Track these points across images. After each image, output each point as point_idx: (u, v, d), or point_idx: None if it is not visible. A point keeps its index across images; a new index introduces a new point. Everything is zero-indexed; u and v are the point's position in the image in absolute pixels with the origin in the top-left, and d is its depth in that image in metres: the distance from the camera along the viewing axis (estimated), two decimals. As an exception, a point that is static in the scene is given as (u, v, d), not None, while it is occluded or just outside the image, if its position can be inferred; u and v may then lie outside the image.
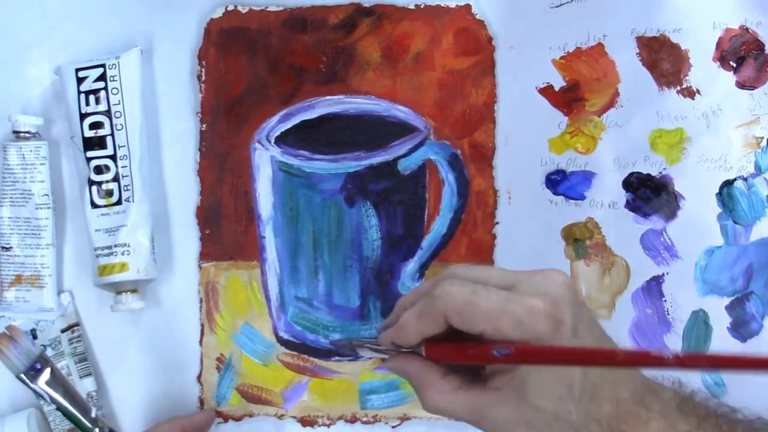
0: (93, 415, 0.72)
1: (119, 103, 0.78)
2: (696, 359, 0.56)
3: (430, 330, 0.60)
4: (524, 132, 0.80)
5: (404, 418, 0.80)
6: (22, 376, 0.71)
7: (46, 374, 0.71)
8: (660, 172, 0.78)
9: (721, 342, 0.78)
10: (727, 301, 0.78)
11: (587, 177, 0.79)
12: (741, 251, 0.78)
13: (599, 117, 0.79)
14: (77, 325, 0.81)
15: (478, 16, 0.80)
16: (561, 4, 0.79)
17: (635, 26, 0.78)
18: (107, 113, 0.78)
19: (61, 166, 0.81)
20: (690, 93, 0.78)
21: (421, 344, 0.62)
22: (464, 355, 0.59)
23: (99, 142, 0.78)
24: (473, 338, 0.58)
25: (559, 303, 0.58)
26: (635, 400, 0.59)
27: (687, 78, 0.78)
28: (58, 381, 0.72)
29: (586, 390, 0.58)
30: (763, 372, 0.52)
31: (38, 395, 0.72)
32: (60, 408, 0.72)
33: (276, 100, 0.80)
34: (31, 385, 0.71)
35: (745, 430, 0.61)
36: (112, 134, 0.78)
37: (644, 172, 0.79)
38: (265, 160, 0.79)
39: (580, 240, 0.79)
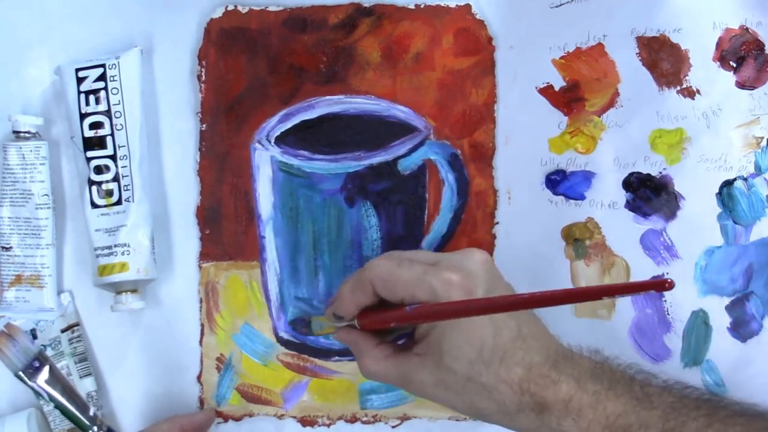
0: (91, 413, 0.72)
1: (119, 103, 0.78)
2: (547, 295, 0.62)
3: (362, 300, 0.69)
4: (524, 132, 0.80)
5: (404, 418, 0.80)
6: (21, 374, 0.71)
7: (45, 372, 0.71)
8: (660, 172, 0.78)
9: (721, 342, 0.78)
10: (727, 301, 0.78)
11: (587, 177, 0.79)
12: (741, 251, 0.78)
13: (599, 117, 0.79)
14: (77, 325, 0.81)
15: (478, 16, 0.80)
16: (561, 4, 0.79)
17: (635, 26, 0.78)
18: (107, 113, 0.78)
19: (61, 166, 0.81)
20: (690, 93, 0.78)
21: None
22: (387, 319, 0.69)
23: (99, 142, 0.78)
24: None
25: (472, 276, 0.66)
26: (548, 365, 0.66)
27: (687, 78, 0.78)
28: (56, 379, 0.72)
29: (496, 354, 0.65)
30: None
31: (36, 393, 0.73)
32: (58, 406, 0.72)
33: (276, 100, 0.80)
34: (30, 383, 0.71)
35: (658, 391, 0.67)
36: (112, 134, 0.78)
37: (644, 172, 0.78)
38: (265, 160, 0.79)
39: (580, 240, 0.79)
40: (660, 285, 0.56)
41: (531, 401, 0.65)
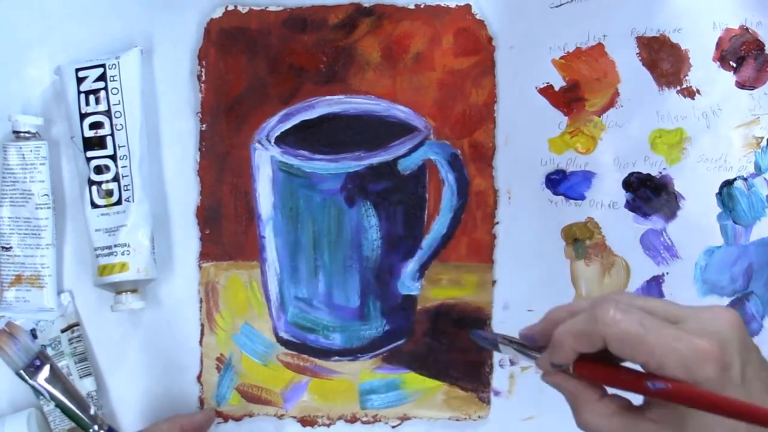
0: (92, 412, 0.72)
1: (119, 103, 0.78)
2: None
3: (584, 350, 0.58)
4: (524, 132, 0.80)
5: (404, 418, 0.81)
6: (22, 372, 0.71)
7: (46, 371, 0.71)
8: (660, 172, 0.78)
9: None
10: (727, 301, 0.78)
11: (587, 177, 0.79)
12: (741, 251, 0.78)
13: (599, 117, 0.79)
14: (77, 325, 0.81)
15: (478, 16, 0.80)
16: (561, 4, 0.79)
17: (635, 26, 0.78)
18: (107, 113, 0.78)
19: (61, 166, 0.81)
20: (690, 93, 0.78)
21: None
22: (616, 380, 0.58)
23: (99, 142, 0.78)
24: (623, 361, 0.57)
25: (727, 345, 0.55)
26: None
27: (687, 78, 0.78)
28: (57, 378, 0.71)
29: None
30: None
31: (37, 392, 0.72)
32: (59, 405, 0.71)
33: (276, 100, 0.80)
34: (30, 381, 0.71)
35: None
36: (112, 134, 0.77)
37: (644, 172, 0.79)
38: (265, 160, 0.79)
39: (580, 240, 0.79)
40: None
41: None
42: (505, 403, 0.80)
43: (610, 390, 0.59)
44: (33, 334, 0.80)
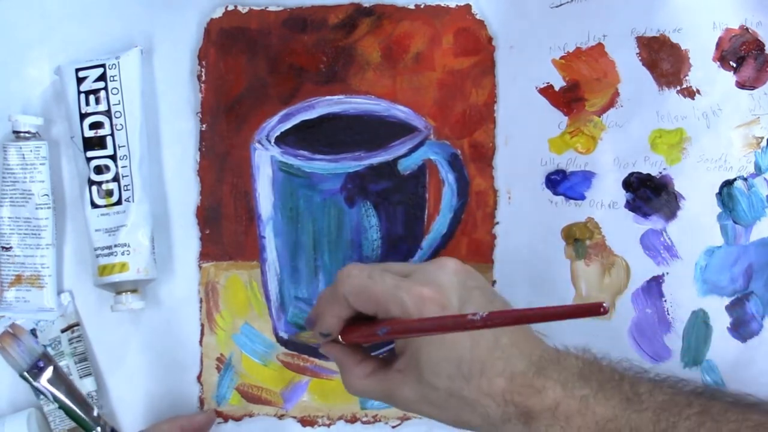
0: (95, 413, 0.72)
1: (119, 103, 0.78)
2: (502, 315, 0.60)
3: (341, 313, 0.68)
4: (524, 132, 0.80)
5: (404, 418, 0.81)
6: (25, 374, 0.71)
7: (49, 372, 0.71)
8: (660, 172, 0.78)
9: (721, 342, 0.78)
10: (727, 301, 0.78)
11: (587, 177, 0.79)
12: (741, 251, 0.78)
13: (599, 117, 0.79)
14: (77, 325, 0.81)
15: (478, 16, 0.80)
16: (561, 4, 0.79)
17: (635, 26, 0.78)
18: (107, 113, 0.78)
19: (61, 166, 0.81)
20: (690, 93, 0.78)
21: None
22: (359, 335, 0.67)
23: (99, 142, 0.78)
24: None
25: (445, 289, 0.64)
26: (531, 372, 0.64)
27: (687, 78, 0.78)
28: (60, 379, 0.72)
29: (475, 367, 0.63)
30: (563, 319, 0.59)
31: (41, 393, 0.72)
32: (62, 406, 0.72)
33: (276, 100, 0.80)
34: (34, 383, 0.71)
35: (649, 388, 0.65)
36: (112, 134, 0.78)
37: (644, 172, 0.78)
38: (265, 160, 0.79)
39: (580, 240, 0.79)
40: (595, 309, 0.54)
41: (516, 411, 0.63)
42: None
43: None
44: (33, 334, 0.80)
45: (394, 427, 0.81)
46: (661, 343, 0.78)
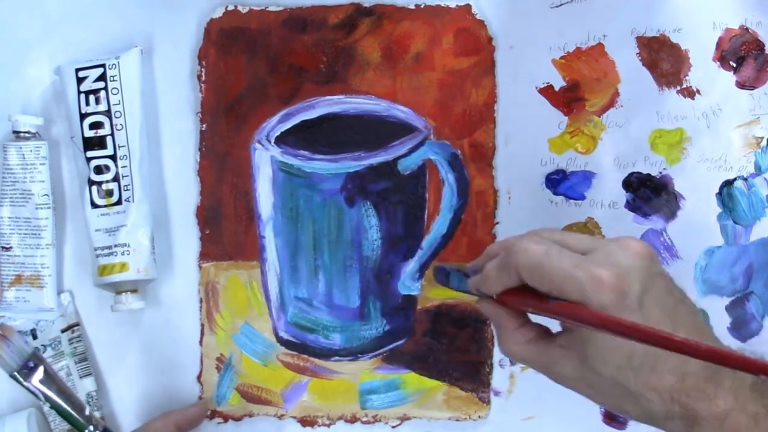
0: (87, 413, 0.72)
1: (119, 103, 0.78)
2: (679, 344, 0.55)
3: (508, 282, 0.64)
4: (524, 132, 0.80)
5: (404, 419, 0.81)
6: (16, 374, 0.71)
7: (40, 372, 0.71)
8: (660, 172, 0.78)
9: (721, 342, 0.78)
10: (727, 301, 0.78)
11: (587, 177, 0.79)
12: (741, 251, 0.78)
13: (599, 117, 0.79)
14: (77, 325, 0.81)
15: (478, 16, 0.80)
16: (561, 4, 0.79)
17: (635, 26, 0.78)
18: (107, 113, 0.78)
19: (61, 166, 0.81)
20: (690, 93, 0.78)
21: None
22: (527, 305, 0.64)
23: (99, 142, 0.78)
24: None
25: (626, 274, 0.59)
26: (704, 375, 0.59)
27: (687, 78, 0.78)
28: (51, 379, 0.71)
29: (647, 361, 0.59)
30: None
31: (32, 394, 0.72)
32: (54, 406, 0.71)
33: (276, 100, 0.80)
34: (25, 383, 0.71)
35: None
36: (112, 134, 0.78)
37: (644, 172, 0.79)
38: (265, 160, 0.79)
39: (580, 240, 0.79)
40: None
41: (681, 412, 0.60)
42: (505, 404, 0.80)
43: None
44: (33, 334, 0.80)
45: (394, 427, 0.81)
46: (660, 344, 0.78)
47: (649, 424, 0.63)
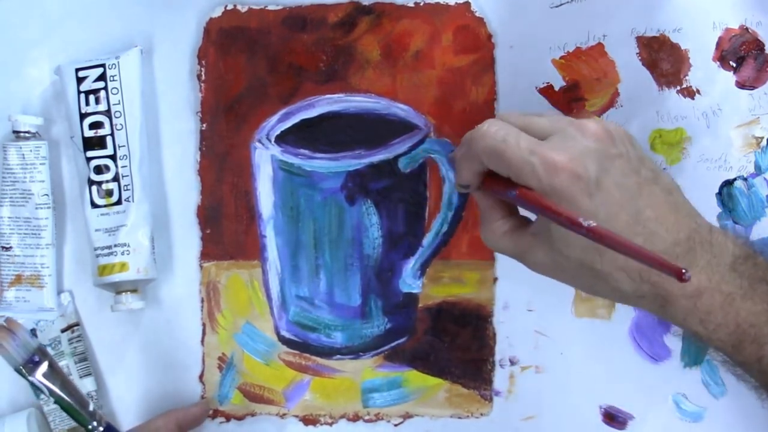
0: (91, 408, 0.72)
1: (119, 103, 0.77)
2: (605, 235, 0.57)
3: (475, 168, 0.65)
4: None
5: (406, 417, 0.81)
6: (20, 368, 0.71)
7: (44, 367, 0.71)
8: (660, 172, 0.79)
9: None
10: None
11: (587, 176, 0.79)
12: (741, 251, 0.79)
13: (599, 117, 0.79)
14: (77, 325, 0.81)
15: (477, 14, 0.80)
16: (561, 4, 0.79)
17: (635, 26, 0.78)
18: (107, 113, 0.77)
19: (61, 166, 0.81)
20: (690, 93, 0.78)
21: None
22: (492, 190, 0.65)
23: (99, 142, 0.77)
24: None
25: (581, 157, 0.60)
26: (674, 253, 0.60)
27: (687, 78, 0.78)
28: (56, 374, 0.71)
29: None
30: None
31: (36, 388, 0.72)
32: (58, 401, 0.71)
33: (276, 100, 0.80)
34: (29, 377, 0.71)
35: None
36: (112, 134, 0.77)
37: (644, 171, 0.79)
38: (265, 160, 0.79)
39: (581, 239, 0.79)
40: (677, 272, 0.52)
41: (652, 291, 0.60)
42: (505, 404, 0.81)
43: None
44: (33, 334, 0.80)
45: (396, 425, 0.81)
46: (661, 343, 0.79)
47: (623, 302, 0.65)
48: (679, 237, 0.61)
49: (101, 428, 0.72)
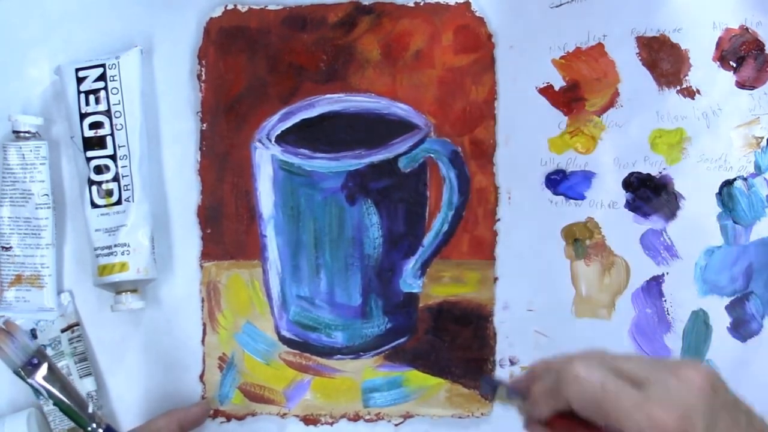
0: (90, 410, 0.72)
1: (119, 103, 0.77)
2: None
3: (558, 407, 0.59)
4: (524, 132, 0.80)
5: (407, 416, 0.81)
6: (19, 370, 0.71)
7: (44, 369, 0.71)
8: (660, 172, 0.79)
9: (721, 342, 0.79)
10: (727, 301, 0.79)
11: (587, 177, 0.79)
12: (741, 251, 0.79)
13: (599, 117, 0.79)
14: (77, 325, 0.81)
15: (477, 14, 0.80)
16: (561, 4, 0.79)
17: (635, 26, 0.79)
18: (107, 113, 0.77)
19: (61, 166, 0.81)
20: (690, 93, 0.79)
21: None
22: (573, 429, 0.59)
23: (99, 142, 0.77)
24: None
25: (690, 415, 0.55)
26: None
27: (687, 78, 0.79)
28: (55, 376, 0.71)
29: None
30: None
31: (35, 390, 0.72)
32: (57, 403, 0.71)
33: (276, 99, 0.80)
34: (28, 380, 0.71)
35: None
36: (112, 134, 0.77)
37: (644, 172, 0.79)
38: (265, 159, 0.79)
39: (580, 240, 0.80)
40: None
41: None
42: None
43: None
44: (33, 334, 0.80)
45: (396, 425, 0.81)
46: (661, 343, 0.79)
47: None
48: None
49: (100, 430, 0.72)
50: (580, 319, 0.80)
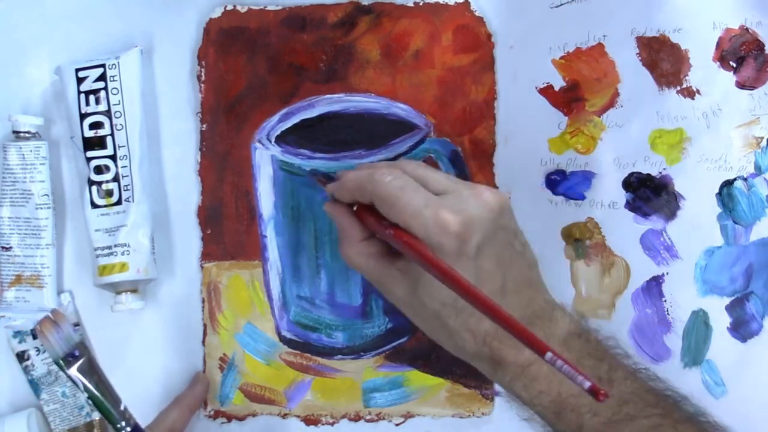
0: (122, 407, 0.72)
1: (119, 103, 0.77)
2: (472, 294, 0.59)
3: (359, 199, 0.66)
4: (524, 132, 0.80)
5: (408, 416, 0.81)
6: (60, 361, 0.71)
7: (83, 363, 0.71)
8: (660, 172, 0.79)
9: (721, 342, 0.79)
10: (727, 301, 0.79)
11: (587, 177, 0.80)
12: (741, 251, 0.79)
13: (599, 117, 0.79)
14: (77, 325, 0.81)
15: (477, 13, 0.80)
16: (561, 4, 0.79)
17: (635, 26, 0.79)
18: (107, 113, 0.77)
19: (61, 166, 0.81)
20: (690, 93, 0.79)
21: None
22: (372, 225, 0.66)
23: (99, 142, 0.77)
24: None
25: (472, 224, 0.62)
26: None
27: (687, 78, 0.79)
28: (92, 371, 0.71)
29: (469, 305, 0.60)
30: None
31: (72, 382, 0.72)
32: (91, 397, 0.71)
33: (276, 100, 0.80)
34: (67, 371, 0.71)
35: (623, 375, 0.64)
36: (112, 134, 0.77)
37: (644, 172, 0.79)
38: (265, 160, 0.79)
39: (580, 240, 0.80)
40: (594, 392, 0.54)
41: (489, 354, 0.64)
42: (507, 403, 0.80)
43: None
44: (33, 334, 0.80)
45: (397, 424, 0.81)
46: (661, 343, 0.79)
47: (459, 357, 0.66)
48: (527, 310, 0.64)
49: (128, 428, 0.72)
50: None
